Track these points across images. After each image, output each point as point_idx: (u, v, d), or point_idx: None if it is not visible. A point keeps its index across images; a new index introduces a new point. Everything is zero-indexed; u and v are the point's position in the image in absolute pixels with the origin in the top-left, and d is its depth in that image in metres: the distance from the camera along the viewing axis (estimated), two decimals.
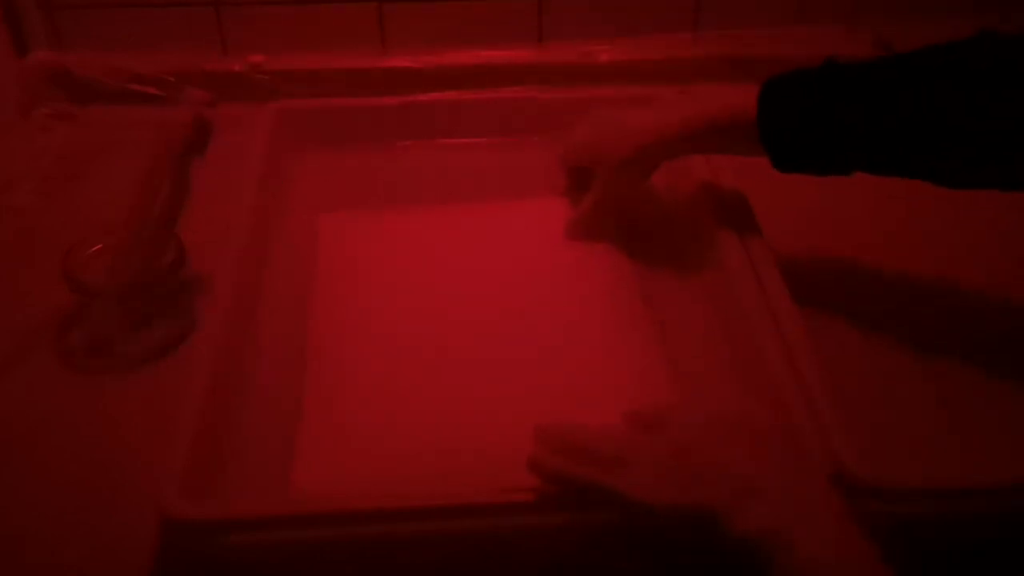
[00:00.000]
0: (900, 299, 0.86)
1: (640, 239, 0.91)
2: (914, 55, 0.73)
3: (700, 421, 0.61)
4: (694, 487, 0.57)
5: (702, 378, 0.78)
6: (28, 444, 0.73)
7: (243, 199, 0.88)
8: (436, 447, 0.72)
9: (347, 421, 0.73)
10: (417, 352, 0.78)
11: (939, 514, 0.66)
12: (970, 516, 0.67)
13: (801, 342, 0.73)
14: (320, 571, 0.67)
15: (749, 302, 0.78)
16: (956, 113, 0.69)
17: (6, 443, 0.73)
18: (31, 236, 0.91)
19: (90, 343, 0.80)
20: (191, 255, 0.83)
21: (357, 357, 0.78)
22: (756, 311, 0.77)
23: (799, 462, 0.59)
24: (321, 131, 1.02)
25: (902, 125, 0.70)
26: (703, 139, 0.80)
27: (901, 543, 0.65)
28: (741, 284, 0.80)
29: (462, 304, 0.83)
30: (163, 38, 1.07)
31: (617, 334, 0.81)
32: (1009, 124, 0.68)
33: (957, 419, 0.75)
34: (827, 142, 0.74)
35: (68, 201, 0.96)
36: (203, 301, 0.83)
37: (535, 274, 0.87)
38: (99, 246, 0.82)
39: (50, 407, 0.76)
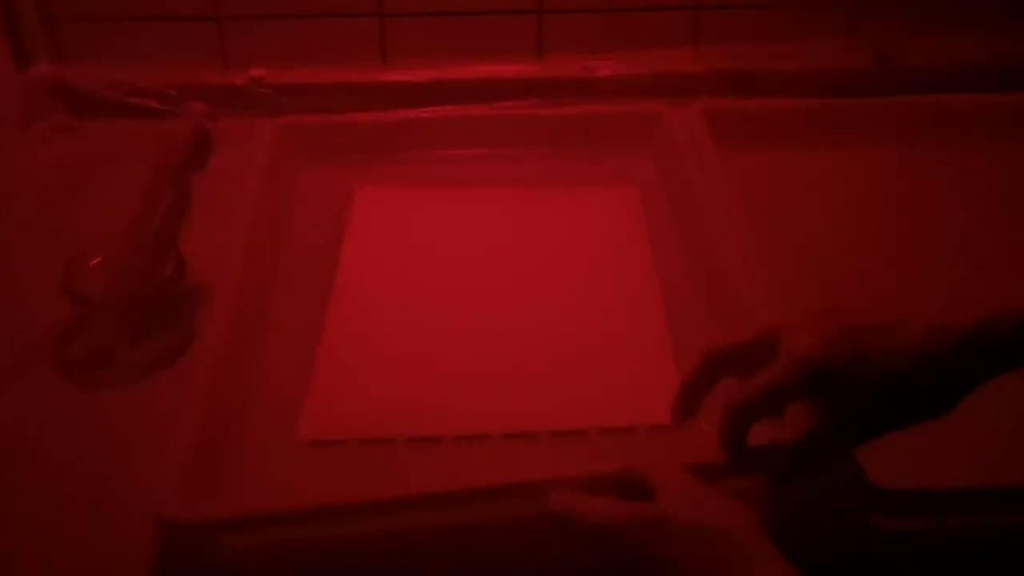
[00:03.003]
0: (898, 298, 0.86)
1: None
2: None
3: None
4: None
5: None
6: (28, 456, 0.73)
7: (244, 212, 0.89)
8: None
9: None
10: (426, 364, 0.80)
11: (940, 516, 0.67)
12: (969, 518, 0.67)
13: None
14: (322, 571, 0.67)
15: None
16: None
17: (6, 455, 0.73)
18: (31, 248, 0.91)
19: (90, 355, 0.80)
20: (192, 267, 0.83)
21: (367, 364, 0.80)
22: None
23: None
24: (322, 145, 1.03)
25: None
26: None
27: (901, 544, 0.65)
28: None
29: (468, 310, 0.86)
30: (164, 51, 1.07)
31: (630, 321, 0.85)
32: None
33: (956, 419, 0.75)
34: None
35: (68, 213, 0.96)
36: (203, 313, 0.83)
37: (550, 263, 0.91)
38: (99, 258, 0.82)
39: (50, 419, 0.76)
